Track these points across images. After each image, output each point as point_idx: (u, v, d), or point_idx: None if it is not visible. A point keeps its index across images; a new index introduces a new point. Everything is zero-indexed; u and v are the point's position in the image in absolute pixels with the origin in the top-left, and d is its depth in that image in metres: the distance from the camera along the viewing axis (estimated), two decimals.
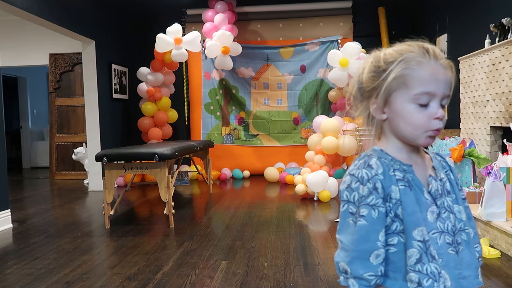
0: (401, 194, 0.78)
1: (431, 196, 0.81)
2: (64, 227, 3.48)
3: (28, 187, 5.98)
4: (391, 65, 0.78)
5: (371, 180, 0.78)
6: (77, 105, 6.57)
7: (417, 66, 0.77)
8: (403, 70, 0.77)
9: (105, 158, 3.29)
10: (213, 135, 6.16)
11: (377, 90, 0.80)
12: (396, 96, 0.79)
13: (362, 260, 0.77)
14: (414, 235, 0.76)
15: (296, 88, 6.09)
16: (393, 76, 0.78)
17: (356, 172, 0.80)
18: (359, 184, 0.78)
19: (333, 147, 4.53)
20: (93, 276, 2.35)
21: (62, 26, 4.51)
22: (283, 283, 2.17)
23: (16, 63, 6.59)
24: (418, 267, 0.76)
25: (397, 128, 0.81)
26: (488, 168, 2.74)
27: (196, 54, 5.94)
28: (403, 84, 0.77)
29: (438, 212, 0.80)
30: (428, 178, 0.82)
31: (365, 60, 0.86)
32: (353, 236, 0.78)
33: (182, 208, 4.12)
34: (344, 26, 6.03)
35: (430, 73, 0.76)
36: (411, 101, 0.77)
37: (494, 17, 3.57)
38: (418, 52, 0.78)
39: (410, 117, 0.78)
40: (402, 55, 0.78)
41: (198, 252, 2.71)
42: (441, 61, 0.78)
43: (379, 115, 0.82)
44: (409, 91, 0.77)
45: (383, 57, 0.80)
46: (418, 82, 0.76)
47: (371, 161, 0.79)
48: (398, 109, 0.79)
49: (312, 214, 3.73)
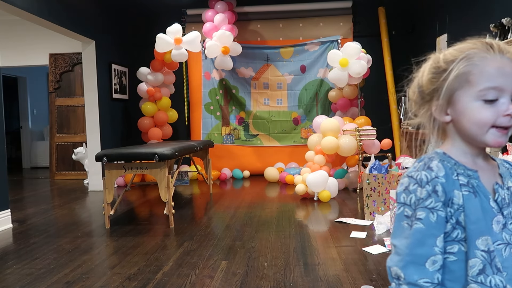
0: (464, 200, 0.73)
1: (498, 205, 0.76)
2: (64, 227, 3.48)
3: (28, 187, 5.98)
4: (452, 64, 0.76)
5: (430, 183, 0.74)
6: (77, 105, 6.57)
7: (481, 62, 0.73)
8: (465, 67, 0.74)
9: (105, 158, 3.29)
10: (213, 135, 6.16)
11: (438, 91, 0.78)
12: (459, 95, 0.75)
13: (417, 265, 0.73)
14: (477, 244, 0.72)
15: (296, 88, 6.09)
16: (455, 74, 0.75)
17: (415, 174, 0.76)
18: (417, 186, 0.74)
19: (333, 147, 4.53)
20: (93, 276, 2.35)
21: (62, 26, 4.51)
22: (283, 283, 2.17)
23: (16, 63, 6.60)
24: (481, 278, 0.72)
25: (462, 129, 0.76)
26: None
27: (196, 54, 5.94)
28: (466, 82, 0.74)
29: (504, 223, 0.76)
30: (495, 185, 0.78)
31: (424, 64, 0.83)
32: (408, 240, 0.74)
33: (182, 208, 4.12)
34: (344, 26, 6.03)
35: (496, 67, 0.72)
36: (476, 98, 0.73)
37: (494, 17, 3.57)
38: (481, 48, 0.75)
39: (475, 115, 0.73)
40: (463, 52, 0.75)
41: (198, 252, 2.71)
42: (507, 54, 0.74)
43: (443, 117, 0.78)
44: (474, 88, 0.73)
45: (443, 57, 0.78)
46: (483, 77, 0.73)
47: (431, 164, 0.75)
48: (462, 108, 0.75)
49: (312, 214, 3.73)
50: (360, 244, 2.76)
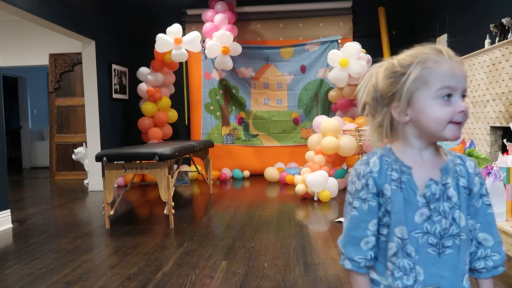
0: (391, 193, 0.84)
1: (425, 199, 0.84)
2: (64, 227, 3.48)
3: (28, 187, 5.98)
4: (409, 68, 0.82)
5: (365, 177, 0.86)
6: (77, 105, 6.57)
7: (434, 65, 0.81)
8: (422, 71, 0.81)
9: (105, 158, 3.29)
10: (213, 135, 6.16)
11: (398, 94, 0.84)
12: (418, 95, 0.82)
13: (354, 244, 0.87)
14: (395, 232, 0.84)
15: (296, 88, 6.09)
16: (413, 77, 0.82)
17: (357, 167, 0.88)
18: (356, 178, 0.88)
19: (333, 147, 4.53)
20: (93, 276, 2.35)
21: (62, 26, 4.51)
22: (283, 283, 2.17)
23: (16, 63, 6.59)
24: (393, 259, 0.85)
25: (422, 126, 0.83)
26: (488, 168, 2.74)
27: (196, 54, 5.94)
28: (424, 83, 0.81)
29: (429, 215, 0.84)
30: (428, 181, 0.85)
31: (373, 70, 0.89)
32: (347, 224, 0.89)
33: (182, 208, 4.12)
34: (344, 26, 6.03)
35: (448, 69, 0.81)
36: (434, 97, 0.81)
37: (494, 17, 3.57)
38: (432, 53, 0.82)
39: (434, 113, 0.81)
40: (417, 57, 0.82)
41: (198, 252, 2.71)
42: (454, 58, 0.82)
43: (403, 118, 0.85)
44: (431, 88, 0.81)
45: (398, 63, 0.85)
46: (438, 78, 0.80)
47: (370, 159, 0.87)
48: (421, 107, 0.82)
49: (312, 214, 3.73)
50: None
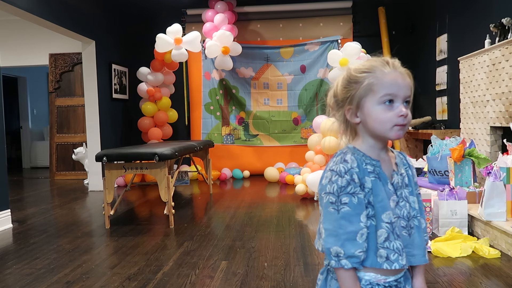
0: (372, 184, 0.93)
1: (393, 187, 0.97)
2: (64, 227, 3.48)
3: (28, 187, 5.98)
4: (359, 78, 0.95)
5: (348, 173, 0.91)
6: (77, 105, 6.57)
7: (380, 75, 0.93)
8: (369, 80, 0.93)
9: (105, 158, 3.29)
10: (213, 135, 6.16)
11: (349, 99, 0.96)
12: (366, 101, 0.94)
13: (351, 240, 0.90)
14: (383, 218, 0.92)
15: (296, 88, 6.09)
16: (362, 86, 0.94)
17: (335, 167, 0.93)
18: (338, 176, 0.92)
19: (333, 147, 4.52)
20: (93, 276, 2.35)
21: (62, 26, 4.51)
22: (283, 283, 2.17)
23: (16, 63, 6.59)
24: (386, 244, 0.92)
25: (369, 127, 0.95)
26: (488, 168, 2.74)
27: (196, 54, 5.94)
28: (371, 90, 0.93)
29: (397, 201, 0.96)
30: (392, 172, 0.98)
31: (338, 78, 1.02)
32: (339, 222, 0.90)
33: (182, 208, 4.12)
34: (344, 26, 6.03)
35: (391, 79, 0.92)
36: (378, 103, 0.93)
37: (494, 17, 3.57)
38: (380, 64, 0.94)
39: (378, 116, 0.92)
40: (368, 68, 0.95)
41: (198, 252, 2.71)
42: (399, 69, 0.94)
43: (354, 119, 0.97)
44: (376, 95, 0.93)
45: (353, 72, 0.97)
46: (382, 87, 0.92)
47: (346, 157, 0.94)
48: (368, 111, 0.94)
49: (312, 214, 3.73)
50: None
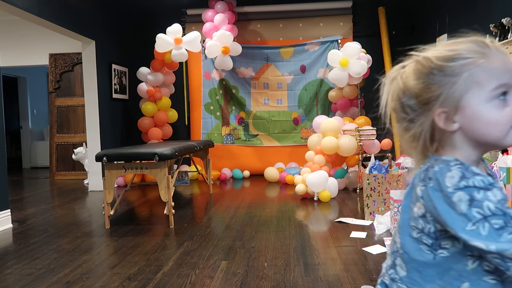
0: None
1: None
2: (64, 227, 3.48)
3: (28, 187, 5.98)
4: (454, 68, 0.69)
5: (491, 183, 0.66)
6: (77, 105, 6.57)
7: (485, 61, 0.68)
8: (471, 69, 0.68)
9: (105, 158, 3.29)
10: (213, 135, 6.16)
11: (441, 98, 0.70)
12: (468, 98, 0.69)
13: None
14: None
15: (296, 88, 6.09)
16: (461, 78, 0.68)
17: (469, 183, 0.66)
18: (484, 191, 0.65)
19: (333, 147, 4.53)
20: (93, 276, 2.35)
21: (62, 26, 4.50)
22: (283, 283, 2.17)
23: (16, 63, 6.59)
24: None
25: (478, 134, 0.70)
26: None
27: (196, 54, 5.94)
28: (474, 83, 0.68)
29: None
30: None
31: (394, 73, 0.78)
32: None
33: (182, 208, 4.12)
34: (344, 26, 6.03)
35: (500, 63, 0.68)
36: (488, 99, 0.68)
37: (494, 17, 3.57)
38: (478, 46, 0.69)
39: (492, 117, 0.68)
40: (462, 53, 0.69)
41: (198, 252, 2.71)
42: (501, 49, 0.70)
43: (449, 126, 0.71)
44: (484, 88, 0.68)
45: (438, 62, 0.71)
46: (492, 76, 0.68)
47: (470, 168, 0.67)
48: (474, 112, 0.69)
49: (312, 214, 3.73)
50: (360, 244, 2.76)
